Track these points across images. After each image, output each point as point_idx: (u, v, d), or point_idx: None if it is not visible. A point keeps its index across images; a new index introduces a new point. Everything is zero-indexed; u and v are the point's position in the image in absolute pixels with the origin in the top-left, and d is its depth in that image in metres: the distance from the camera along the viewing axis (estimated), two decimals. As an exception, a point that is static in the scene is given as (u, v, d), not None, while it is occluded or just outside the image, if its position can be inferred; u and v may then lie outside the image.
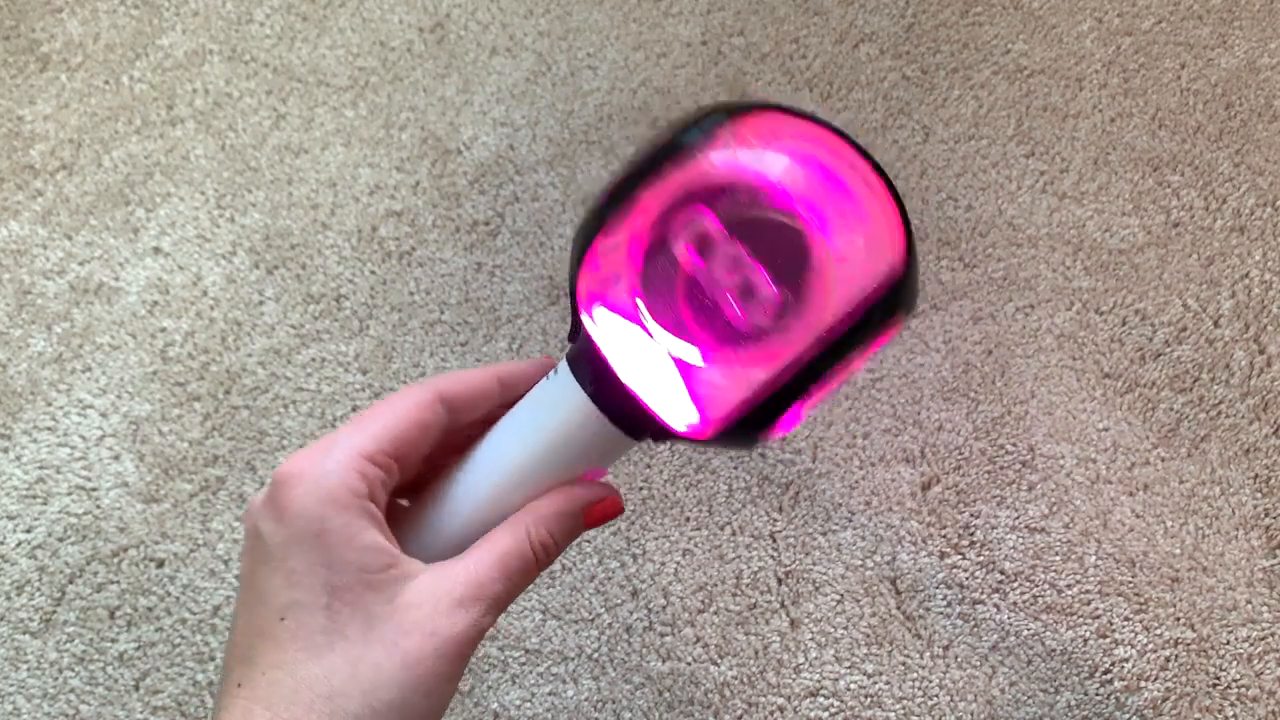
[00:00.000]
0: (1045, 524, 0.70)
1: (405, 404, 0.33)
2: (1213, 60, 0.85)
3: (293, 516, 0.29)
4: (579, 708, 0.66)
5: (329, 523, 0.29)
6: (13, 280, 0.79)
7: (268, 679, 0.28)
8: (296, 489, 0.29)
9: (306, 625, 0.28)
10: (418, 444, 0.32)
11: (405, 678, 0.28)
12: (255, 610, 0.29)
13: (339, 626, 0.28)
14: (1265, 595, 0.68)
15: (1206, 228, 0.79)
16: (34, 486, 0.72)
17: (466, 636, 0.29)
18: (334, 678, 0.28)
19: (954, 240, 0.79)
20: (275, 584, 0.29)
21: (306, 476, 0.30)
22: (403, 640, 0.28)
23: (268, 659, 0.28)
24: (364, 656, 0.28)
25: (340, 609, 0.29)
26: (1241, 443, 0.72)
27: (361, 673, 0.28)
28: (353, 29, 0.88)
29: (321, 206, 0.81)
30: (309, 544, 0.29)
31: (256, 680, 0.28)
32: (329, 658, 0.28)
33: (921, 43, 0.86)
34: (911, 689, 0.66)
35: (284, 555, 0.29)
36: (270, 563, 0.29)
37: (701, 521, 0.70)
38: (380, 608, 0.29)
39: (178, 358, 0.76)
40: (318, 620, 0.28)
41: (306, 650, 0.28)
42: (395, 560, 0.30)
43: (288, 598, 0.29)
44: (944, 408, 0.73)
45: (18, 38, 0.88)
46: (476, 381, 0.34)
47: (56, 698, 0.67)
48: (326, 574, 0.29)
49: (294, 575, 0.29)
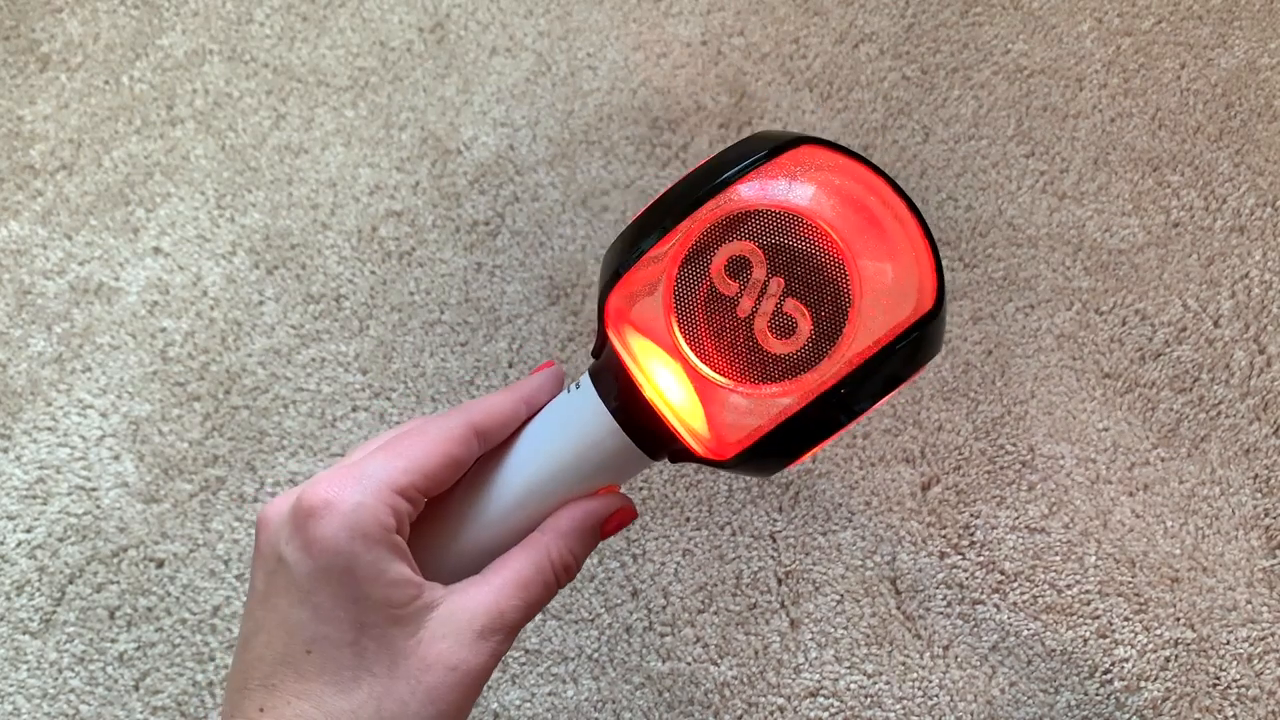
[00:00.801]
0: (1045, 524, 0.70)
1: (439, 436, 0.32)
2: (1213, 60, 0.85)
3: (320, 550, 0.29)
4: (579, 708, 0.66)
5: (358, 560, 0.29)
6: (13, 280, 0.79)
7: (293, 710, 0.28)
8: (326, 521, 0.29)
9: (334, 661, 0.29)
10: (448, 479, 0.32)
11: (429, 712, 0.29)
12: (278, 637, 0.29)
13: (366, 664, 0.29)
14: (1265, 595, 0.68)
15: (1206, 228, 0.79)
16: (34, 486, 0.72)
17: (486, 668, 0.30)
18: (360, 712, 0.28)
19: (954, 240, 0.79)
20: (302, 616, 0.29)
21: (336, 508, 0.29)
22: (426, 676, 0.29)
23: (292, 688, 0.28)
24: (389, 692, 0.29)
25: (367, 645, 0.29)
26: (1241, 443, 0.72)
27: (385, 708, 0.28)
28: (353, 29, 0.88)
29: (321, 206, 0.81)
30: (337, 579, 0.29)
31: (281, 710, 0.28)
32: (356, 694, 0.28)
33: (921, 43, 0.86)
34: (911, 689, 0.66)
35: (311, 588, 0.29)
36: (296, 593, 0.29)
37: (701, 521, 0.70)
38: (404, 643, 0.29)
39: (178, 358, 0.76)
40: (345, 657, 0.29)
41: (334, 686, 0.28)
42: (419, 591, 0.30)
43: (315, 631, 0.29)
44: (944, 408, 0.73)
45: (18, 38, 0.88)
46: (506, 411, 0.34)
47: (56, 698, 0.67)
48: (355, 610, 0.29)
49: (321, 610, 0.29)
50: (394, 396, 0.74)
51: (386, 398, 0.74)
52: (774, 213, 0.30)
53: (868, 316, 0.30)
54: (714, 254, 0.30)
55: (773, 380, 0.30)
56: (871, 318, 0.30)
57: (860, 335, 0.29)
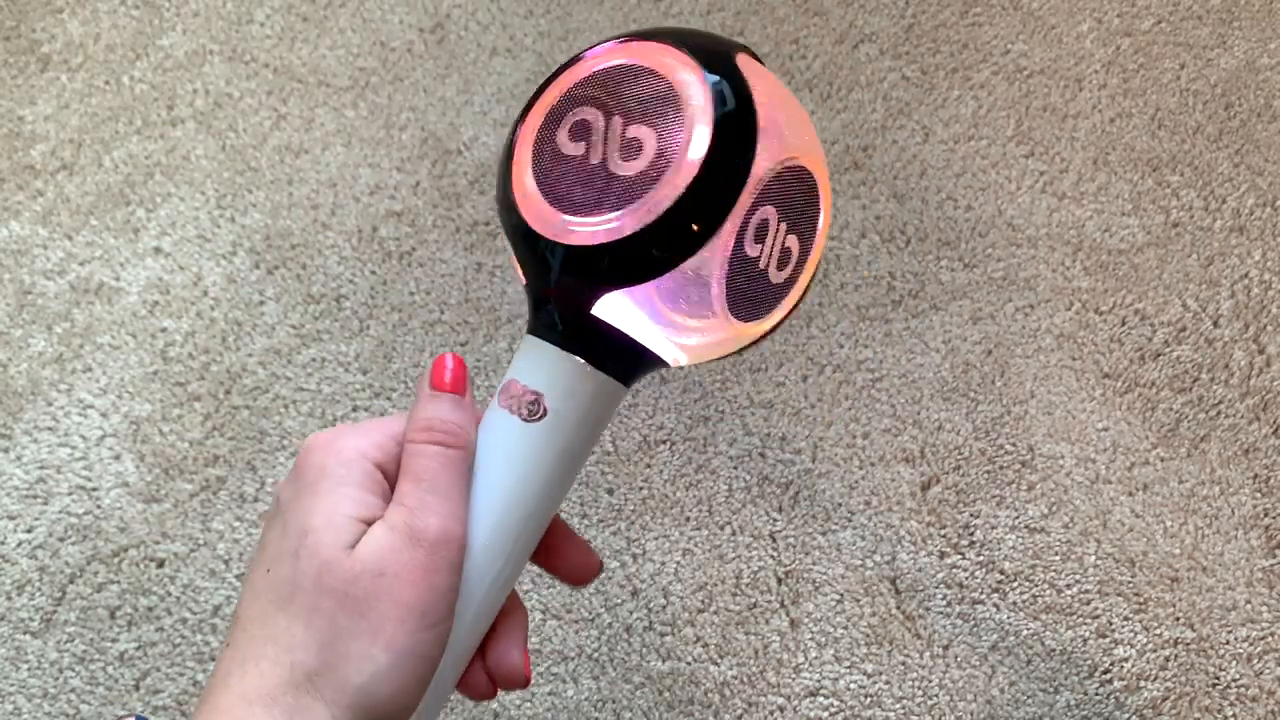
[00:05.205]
0: (1045, 524, 0.70)
1: None
2: (1212, 60, 0.85)
3: (299, 473, 0.30)
4: (579, 707, 0.66)
5: (327, 476, 0.30)
6: (13, 280, 0.79)
7: (247, 634, 0.28)
8: (313, 453, 0.30)
9: (281, 578, 0.29)
10: None
11: (360, 626, 0.29)
12: (253, 565, 0.30)
13: (299, 576, 0.29)
14: (1265, 595, 0.68)
15: (1206, 228, 0.79)
16: (34, 486, 0.72)
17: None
18: (293, 627, 0.28)
19: (954, 240, 0.79)
20: (270, 536, 0.30)
21: (322, 442, 0.31)
22: (352, 587, 0.29)
23: (247, 612, 0.29)
24: (316, 607, 0.29)
25: (302, 554, 0.29)
26: (1241, 443, 0.72)
27: (314, 622, 0.29)
28: (353, 29, 0.88)
29: (322, 207, 0.81)
30: (306, 502, 0.29)
31: (237, 635, 0.29)
32: (291, 606, 0.28)
33: (921, 43, 0.86)
34: (911, 689, 0.66)
35: (281, 511, 0.30)
36: (273, 518, 0.30)
37: (701, 521, 0.70)
38: (334, 553, 0.29)
39: (178, 358, 0.76)
40: (285, 570, 0.29)
41: (276, 604, 0.28)
42: (367, 511, 0.30)
43: (276, 549, 0.29)
44: (944, 408, 0.73)
45: (18, 38, 0.88)
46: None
47: (57, 697, 0.67)
48: (307, 523, 0.29)
49: (287, 527, 0.29)
50: (394, 396, 0.74)
51: (387, 398, 0.74)
52: (597, 75, 0.32)
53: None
54: (556, 133, 0.32)
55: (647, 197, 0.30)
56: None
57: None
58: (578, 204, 0.31)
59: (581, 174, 0.31)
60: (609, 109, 0.31)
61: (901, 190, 0.81)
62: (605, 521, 0.70)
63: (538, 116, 0.32)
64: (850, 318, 0.76)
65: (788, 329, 0.76)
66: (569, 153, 0.31)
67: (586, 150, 0.31)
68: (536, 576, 0.69)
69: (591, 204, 0.30)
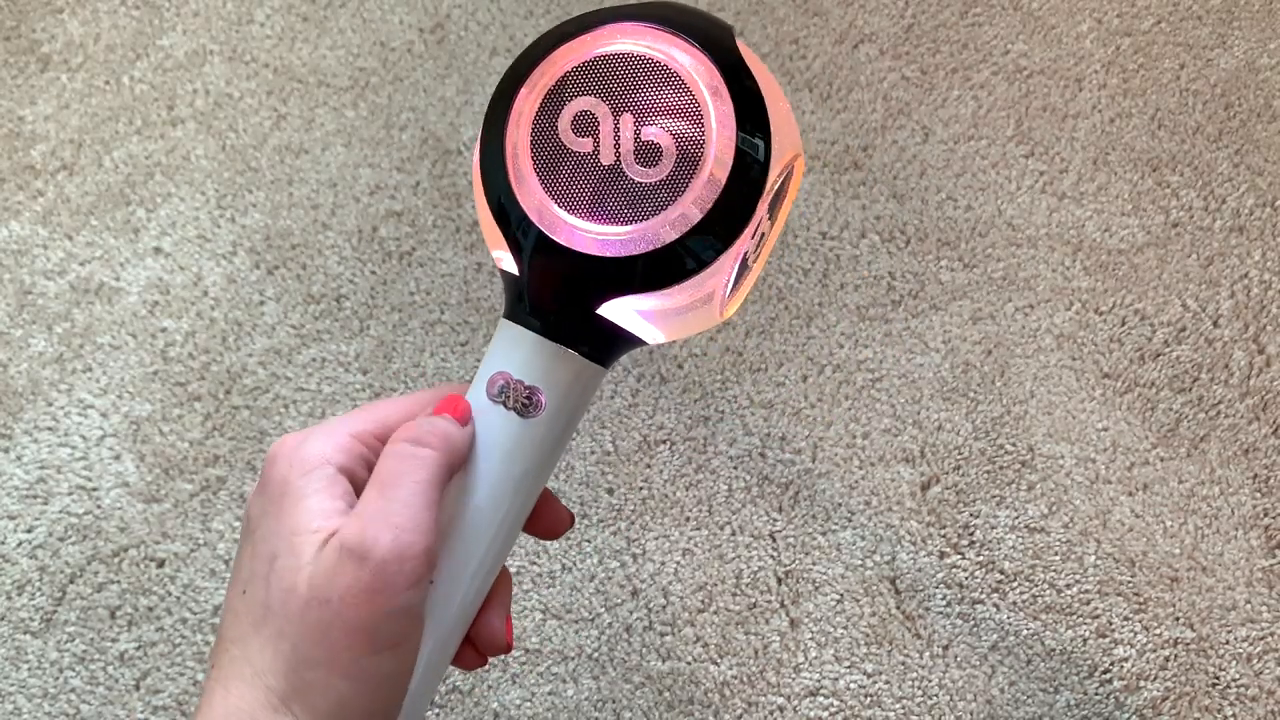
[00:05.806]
0: (1045, 524, 0.70)
1: (406, 397, 0.33)
2: (1212, 60, 0.85)
3: (264, 486, 0.30)
4: (579, 707, 0.66)
5: (290, 487, 0.29)
6: (13, 280, 0.79)
7: (228, 655, 0.28)
8: (278, 463, 0.30)
9: (255, 599, 0.28)
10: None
11: (318, 655, 0.28)
12: (230, 585, 0.29)
13: (271, 598, 0.28)
14: (1265, 595, 0.68)
15: (1206, 228, 0.79)
16: (35, 486, 0.72)
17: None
18: (265, 650, 0.28)
19: (954, 240, 0.79)
20: (241, 557, 0.29)
21: (288, 448, 0.30)
22: (309, 613, 0.28)
23: (229, 634, 0.28)
24: (282, 633, 0.28)
25: (272, 576, 0.28)
26: (1241, 443, 0.72)
27: (280, 649, 0.28)
28: (353, 29, 0.88)
29: (322, 207, 0.81)
30: (274, 514, 0.29)
31: (219, 657, 0.28)
32: (264, 629, 0.28)
33: (921, 43, 0.86)
34: (911, 689, 0.66)
35: (251, 528, 0.29)
36: (244, 537, 0.30)
37: (701, 521, 0.70)
38: (295, 575, 0.28)
39: (178, 358, 0.76)
40: (259, 592, 0.28)
41: (254, 626, 0.28)
42: (328, 521, 0.29)
43: (248, 570, 0.29)
44: (944, 408, 0.73)
45: (18, 38, 0.88)
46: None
47: (57, 697, 0.67)
48: (276, 542, 0.29)
49: (257, 546, 0.29)
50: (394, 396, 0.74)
51: (387, 398, 0.74)
52: (599, 60, 0.30)
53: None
54: (557, 126, 0.30)
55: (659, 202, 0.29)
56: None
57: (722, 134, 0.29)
58: (590, 208, 0.29)
59: (592, 175, 0.29)
60: (616, 103, 0.29)
61: (901, 190, 0.81)
62: (605, 521, 0.70)
63: (533, 97, 0.30)
64: (850, 318, 0.76)
65: (788, 329, 0.76)
66: (575, 148, 0.29)
67: (595, 148, 0.29)
68: (537, 577, 0.69)
69: (608, 212, 0.29)
